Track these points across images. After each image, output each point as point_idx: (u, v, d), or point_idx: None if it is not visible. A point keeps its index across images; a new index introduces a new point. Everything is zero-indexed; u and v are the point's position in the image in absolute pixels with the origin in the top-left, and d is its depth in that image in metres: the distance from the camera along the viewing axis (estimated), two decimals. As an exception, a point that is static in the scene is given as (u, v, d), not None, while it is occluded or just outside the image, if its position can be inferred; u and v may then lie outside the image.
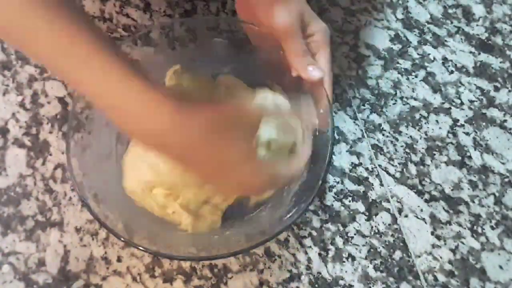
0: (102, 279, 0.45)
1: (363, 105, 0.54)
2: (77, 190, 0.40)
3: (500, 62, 0.58)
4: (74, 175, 0.40)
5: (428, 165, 0.51)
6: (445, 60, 0.57)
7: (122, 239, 0.38)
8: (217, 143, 0.35)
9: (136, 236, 0.40)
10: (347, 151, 0.52)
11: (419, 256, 0.47)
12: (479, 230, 0.48)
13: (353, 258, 0.47)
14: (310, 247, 0.47)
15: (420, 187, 0.50)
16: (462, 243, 0.47)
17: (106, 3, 0.60)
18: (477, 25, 0.60)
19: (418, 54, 0.58)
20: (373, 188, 0.50)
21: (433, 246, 0.47)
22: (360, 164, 0.51)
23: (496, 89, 0.56)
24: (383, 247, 0.47)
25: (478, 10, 0.61)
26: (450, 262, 0.47)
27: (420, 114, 0.54)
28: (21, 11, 0.30)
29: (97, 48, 0.32)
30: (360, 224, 0.48)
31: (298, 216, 0.40)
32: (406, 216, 0.49)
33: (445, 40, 0.59)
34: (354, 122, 0.53)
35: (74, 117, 0.43)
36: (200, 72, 0.49)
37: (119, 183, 0.45)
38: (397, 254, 0.47)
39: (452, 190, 0.50)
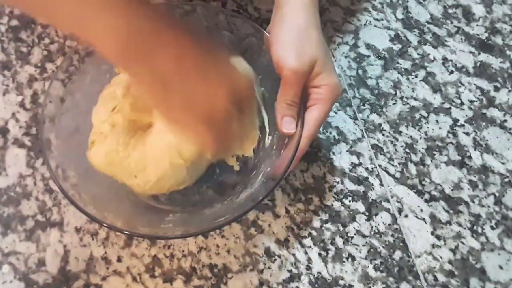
0: (102, 279, 0.45)
1: (363, 105, 0.54)
2: (52, 176, 0.41)
3: (500, 62, 0.57)
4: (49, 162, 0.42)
5: (428, 165, 0.51)
6: (445, 60, 0.57)
7: (93, 218, 0.39)
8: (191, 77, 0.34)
9: (112, 218, 0.40)
10: (347, 151, 0.52)
11: (419, 256, 0.47)
12: (479, 230, 0.48)
13: (353, 258, 0.47)
14: (310, 247, 0.47)
15: (420, 187, 0.50)
16: (462, 243, 0.47)
17: (106, 3, 0.60)
18: (477, 25, 0.60)
19: (418, 54, 0.58)
20: (373, 188, 0.50)
21: (433, 246, 0.47)
22: (360, 164, 0.51)
23: (496, 89, 0.56)
24: (383, 247, 0.47)
25: (478, 10, 0.61)
26: (450, 262, 0.47)
27: (420, 114, 0.54)
28: None
29: None
30: (360, 224, 0.48)
31: (267, 193, 0.40)
32: (406, 216, 0.49)
33: (445, 40, 0.59)
34: (354, 122, 0.53)
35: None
36: None
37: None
38: (397, 254, 0.47)
39: (452, 190, 0.50)
